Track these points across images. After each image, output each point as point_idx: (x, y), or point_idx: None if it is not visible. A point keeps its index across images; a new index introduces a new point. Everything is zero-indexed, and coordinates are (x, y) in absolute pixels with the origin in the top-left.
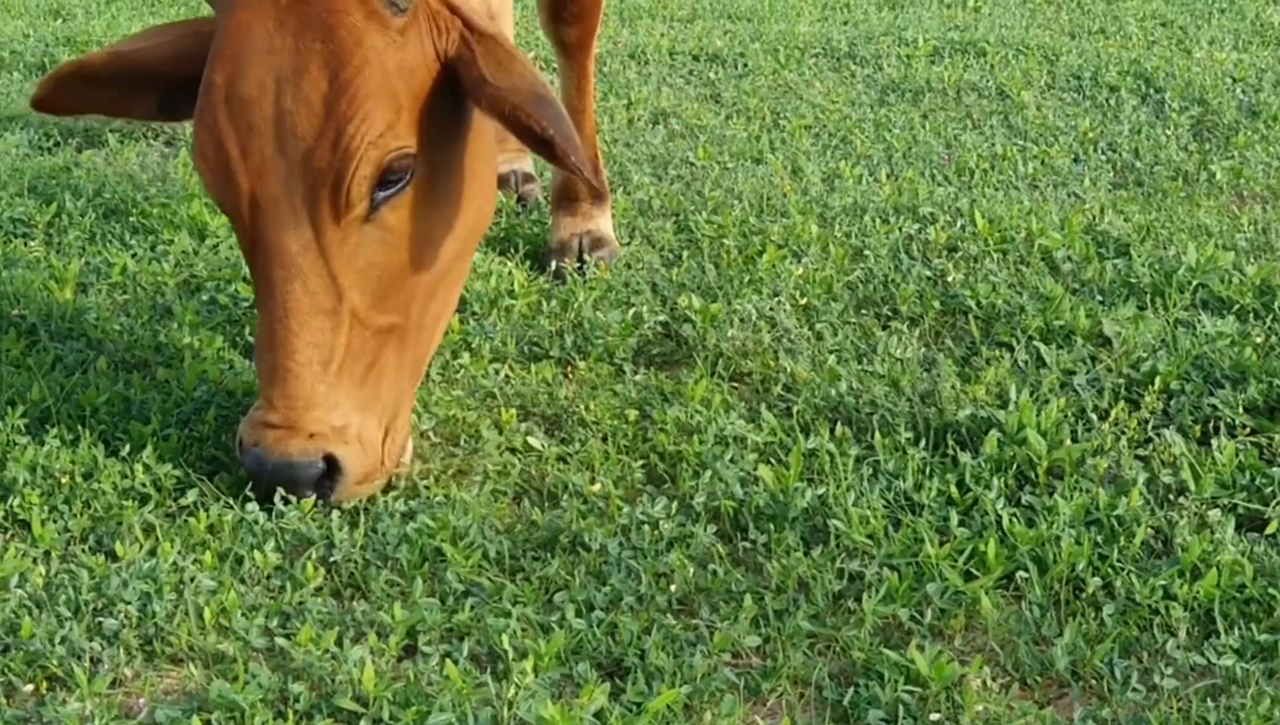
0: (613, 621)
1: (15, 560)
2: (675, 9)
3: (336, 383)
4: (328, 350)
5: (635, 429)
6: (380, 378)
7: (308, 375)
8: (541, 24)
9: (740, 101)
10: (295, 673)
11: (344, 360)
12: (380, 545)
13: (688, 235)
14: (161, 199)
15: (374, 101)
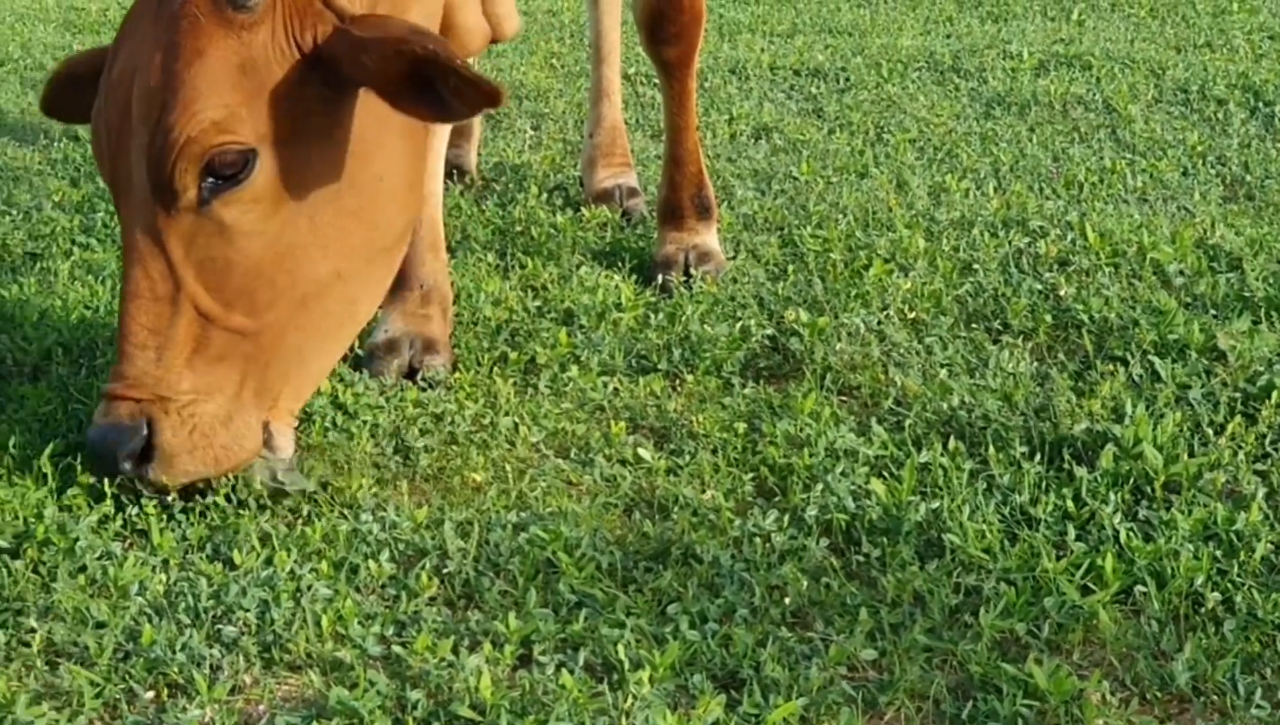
0: (727, 633)
1: (135, 568)
2: (775, 24)
3: (170, 367)
4: (162, 336)
5: (744, 442)
6: (226, 374)
7: (139, 358)
8: (641, 43)
9: (843, 116)
10: (412, 680)
11: (181, 348)
12: (493, 556)
13: (793, 249)
14: None
15: (200, 93)
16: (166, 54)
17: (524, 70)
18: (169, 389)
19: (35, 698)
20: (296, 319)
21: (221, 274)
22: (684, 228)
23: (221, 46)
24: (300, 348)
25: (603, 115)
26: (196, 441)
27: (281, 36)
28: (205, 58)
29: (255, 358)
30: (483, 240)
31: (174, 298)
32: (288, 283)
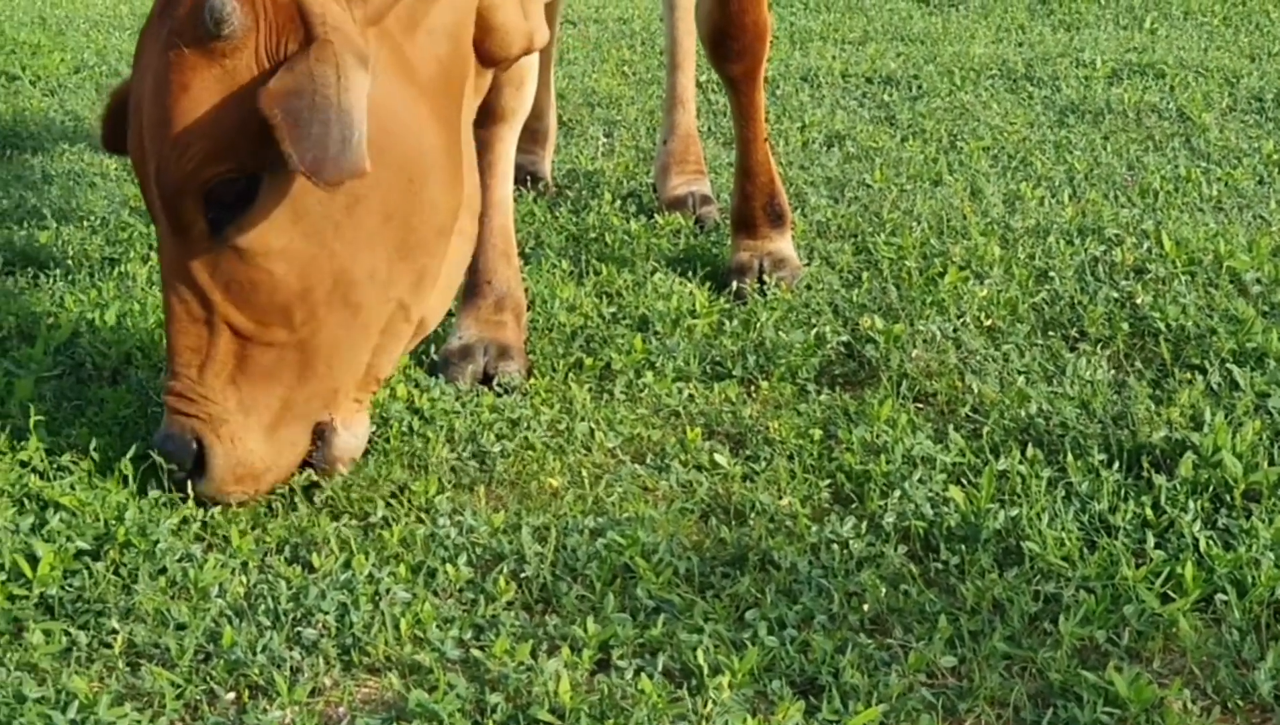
0: (805, 640)
1: (215, 571)
2: (846, 32)
3: (213, 384)
4: (204, 355)
5: (820, 448)
6: (271, 387)
7: (185, 377)
8: (706, 58)
9: (916, 123)
10: (491, 684)
11: (223, 366)
12: (570, 561)
13: (867, 256)
14: None
15: (191, 129)
16: (158, 88)
17: (596, 77)
18: (217, 408)
19: (118, 698)
20: (336, 325)
21: (249, 294)
22: (758, 236)
23: (205, 77)
24: (347, 351)
25: (676, 122)
26: (244, 470)
27: (265, 57)
28: (190, 91)
29: (300, 367)
30: (557, 247)
31: (209, 319)
32: (320, 292)
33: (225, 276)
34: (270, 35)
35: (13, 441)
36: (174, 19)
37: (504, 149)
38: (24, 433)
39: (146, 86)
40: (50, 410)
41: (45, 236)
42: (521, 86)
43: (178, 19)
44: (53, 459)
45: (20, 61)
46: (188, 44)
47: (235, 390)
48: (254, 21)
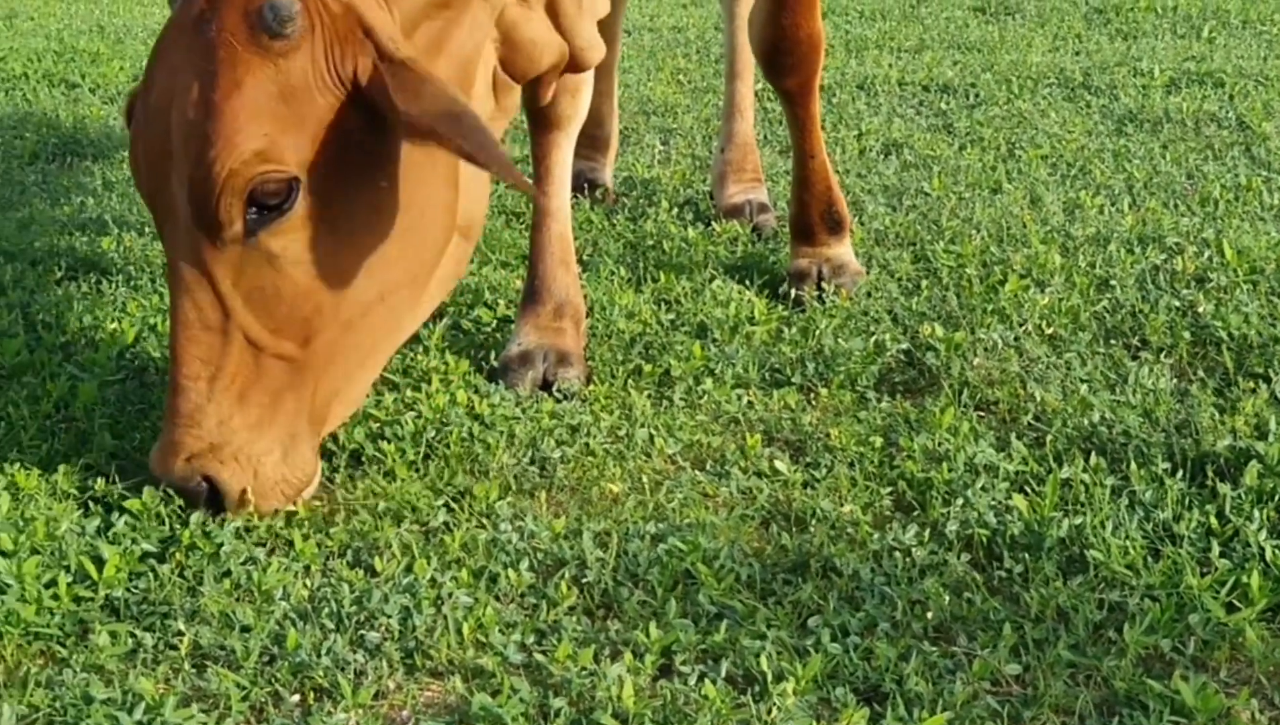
0: (869, 647)
1: (278, 574)
2: (902, 40)
3: (222, 399)
4: (214, 366)
5: (881, 456)
6: (278, 403)
7: (193, 390)
8: (761, 71)
9: (974, 131)
10: (554, 688)
11: (233, 378)
12: (631, 566)
13: (926, 264)
14: None
15: (240, 124)
16: (204, 84)
17: (651, 86)
18: (222, 430)
19: (184, 700)
20: (343, 343)
21: (270, 302)
22: (816, 242)
23: (259, 75)
24: (348, 370)
25: (734, 131)
26: (260, 481)
27: (322, 63)
28: (243, 88)
29: (305, 383)
30: (615, 254)
31: (224, 327)
32: (334, 308)
33: (250, 282)
34: (325, 42)
35: (78, 445)
36: (220, 20)
37: (560, 156)
38: (89, 437)
39: (181, 85)
40: (114, 414)
41: (107, 243)
42: (577, 94)
43: (227, 19)
44: (117, 463)
45: (80, 69)
46: (241, 43)
47: (243, 407)
48: (310, 25)
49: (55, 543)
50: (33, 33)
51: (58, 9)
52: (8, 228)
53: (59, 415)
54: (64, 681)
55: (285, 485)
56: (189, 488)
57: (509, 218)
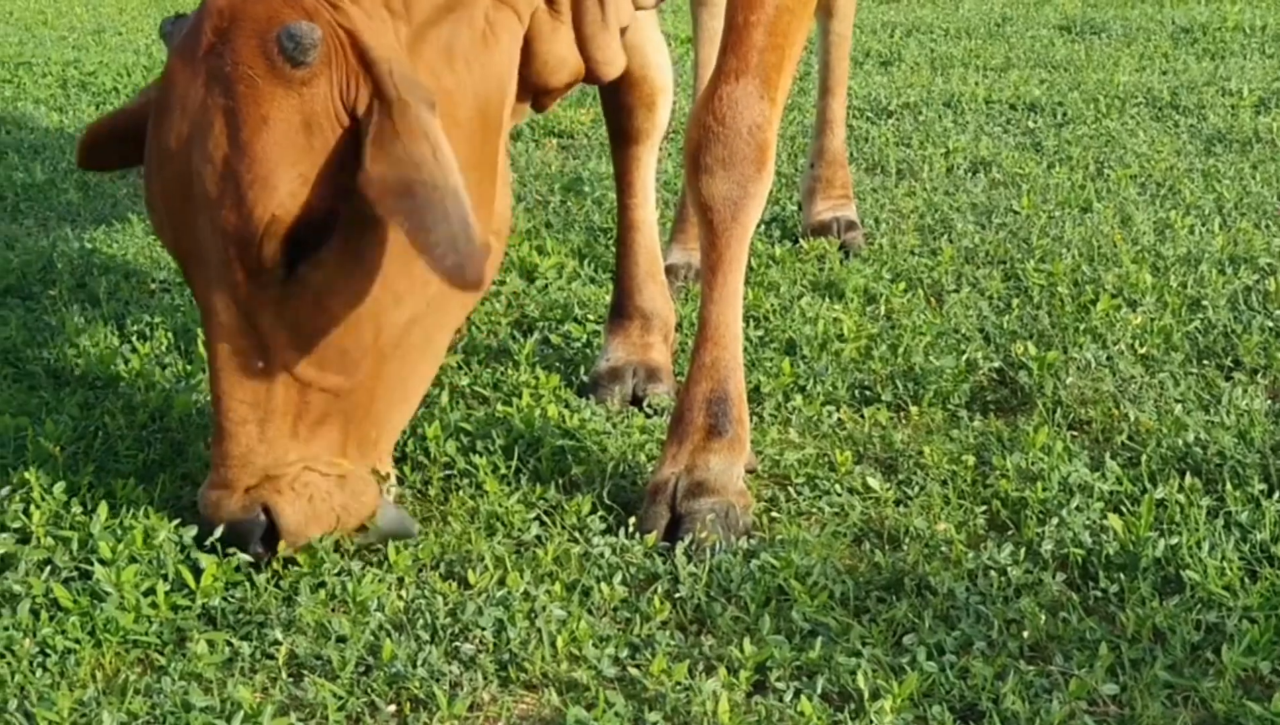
0: (965, 666)
1: (373, 585)
2: (988, 59)
3: (275, 439)
4: (262, 409)
5: (974, 474)
6: (327, 434)
7: (242, 434)
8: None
9: (1062, 150)
10: (649, 703)
11: (283, 417)
12: (724, 582)
13: (1016, 283)
14: None
15: (274, 164)
16: (229, 121)
17: None
18: (276, 465)
19: (281, 708)
20: (384, 369)
21: (312, 337)
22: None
23: (285, 108)
24: (391, 395)
25: (824, 147)
26: (318, 508)
27: (337, 93)
28: (271, 124)
29: (354, 413)
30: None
31: (268, 369)
32: (372, 335)
33: (290, 318)
34: (339, 72)
35: (174, 455)
36: (234, 51)
37: (641, 171)
38: (184, 446)
39: (200, 124)
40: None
41: None
42: (654, 109)
43: (243, 51)
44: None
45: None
46: (262, 75)
47: (296, 442)
48: (329, 52)
49: (153, 551)
50: (121, 47)
51: (145, 24)
52: (100, 241)
53: (155, 425)
54: (162, 689)
55: (343, 513)
56: (246, 521)
57: (597, 233)
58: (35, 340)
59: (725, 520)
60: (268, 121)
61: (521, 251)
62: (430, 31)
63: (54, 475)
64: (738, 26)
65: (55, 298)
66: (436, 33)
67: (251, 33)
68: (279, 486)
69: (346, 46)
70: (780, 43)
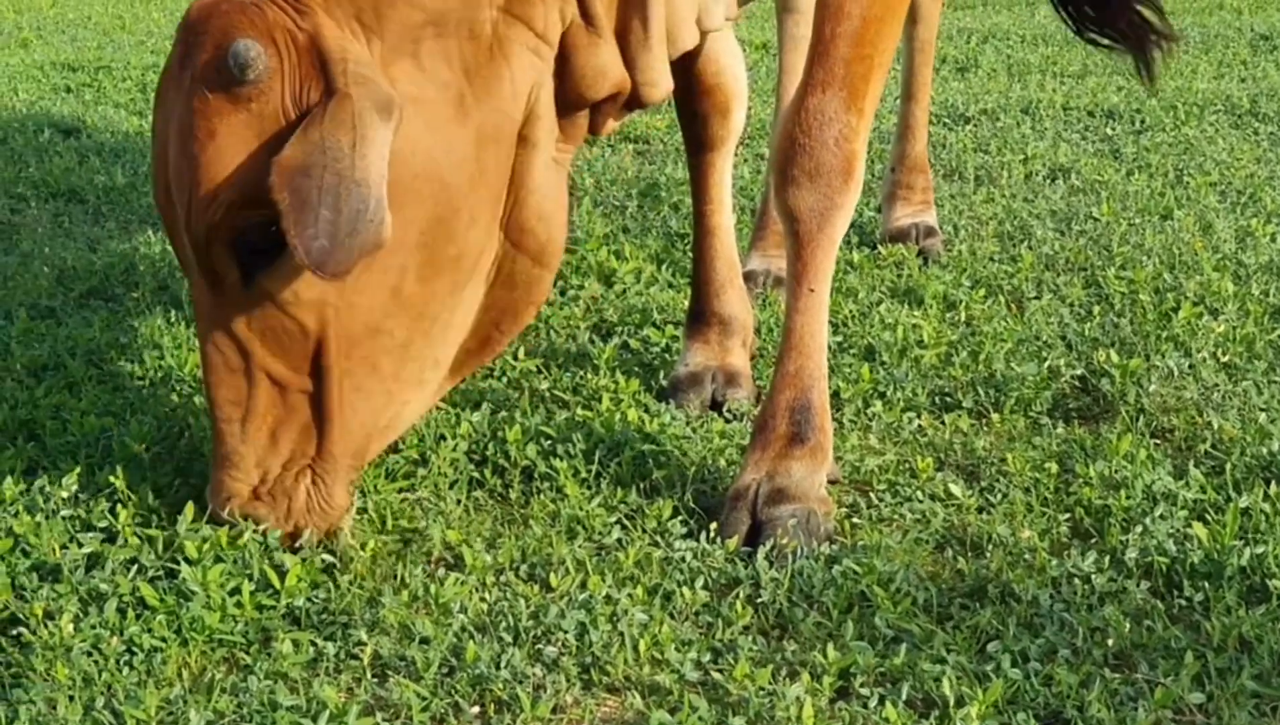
0: (1049, 673)
1: (454, 588)
2: (1065, 65)
3: (256, 439)
4: (244, 408)
5: (1057, 482)
6: (308, 436)
7: (229, 432)
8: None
9: (1141, 157)
10: (732, 707)
11: (263, 417)
12: (806, 587)
13: (1097, 290)
14: (569, 244)
15: (219, 176)
16: (183, 135)
17: None
18: (258, 470)
19: (366, 708)
20: (364, 376)
21: (283, 342)
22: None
23: (231, 122)
24: (376, 403)
25: (905, 152)
26: (296, 516)
27: (289, 102)
28: (217, 138)
29: (328, 416)
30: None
31: (246, 369)
32: (348, 344)
33: (260, 325)
34: (294, 79)
35: None
36: (195, 65)
37: (717, 176)
38: None
39: (170, 135)
40: None
41: None
42: (728, 115)
43: (200, 65)
44: None
45: None
46: (212, 90)
47: (275, 444)
48: (279, 65)
49: (238, 551)
50: None
51: None
52: None
53: None
54: (248, 688)
55: (318, 516)
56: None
57: (674, 238)
58: (119, 342)
59: (806, 526)
60: (214, 136)
61: (600, 256)
62: (409, 45)
63: (140, 475)
64: (824, 37)
65: (138, 300)
66: (417, 47)
67: (210, 46)
68: (260, 494)
69: (304, 51)
70: (868, 53)
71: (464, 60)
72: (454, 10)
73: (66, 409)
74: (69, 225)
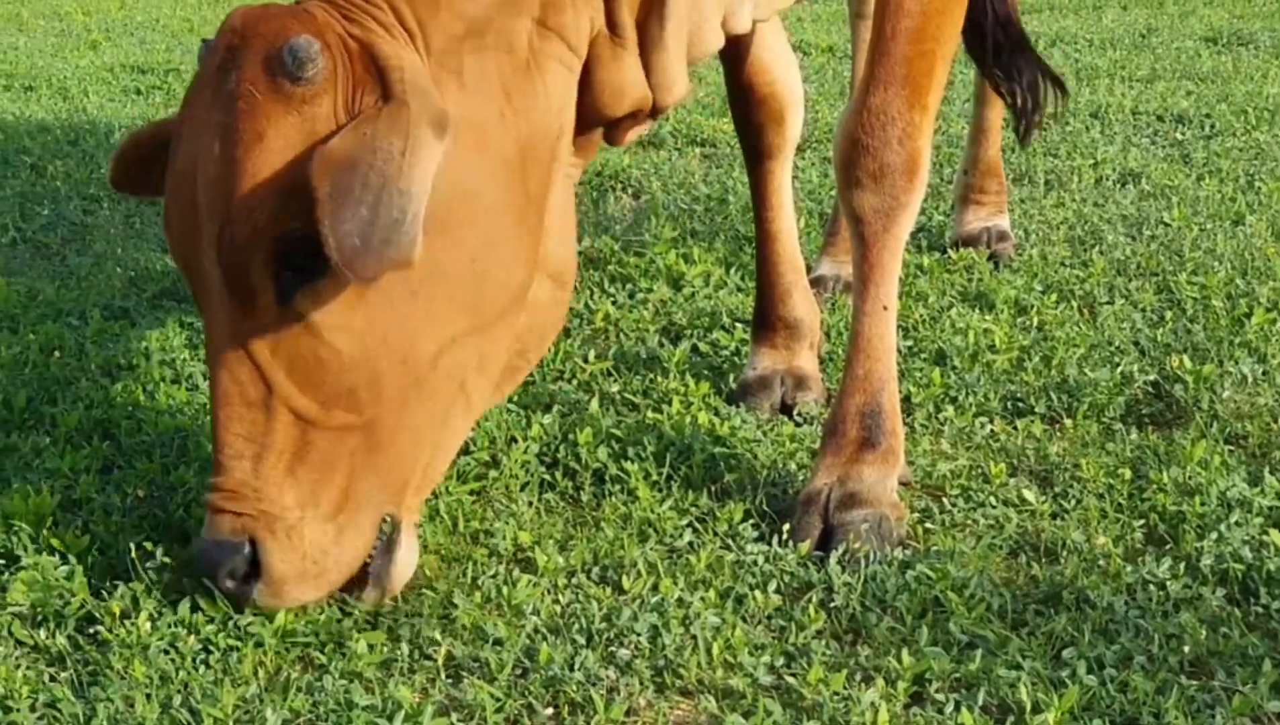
0: (1125, 680)
1: (527, 590)
2: (1133, 69)
3: (270, 478)
4: (258, 444)
5: (1131, 488)
6: (332, 479)
7: (236, 469)
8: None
9: (1211, 162)
10: (806, 711)
11: (280, 455)
12: (879, 592)
13: (1169, 295)
14: (637, 248)
15: (266, 181)
16: (225, 139)
17: None
18: (273, 504)
19: (440, 709)
20: (400, 410)
21: (314, 372)
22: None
23: (282, 125)
24: (410, 438)
25: (979, 156)
26: (307, 567)
27: (342, 109)
28: (266, 140)
29: (363, 456)
30: None
31: (266, 401)
32: (384, 375)
33: (289, 352)
34: (347, 85)
35: None
36: (240, 69)
37: (777, 184)
38: None
39: (204, 143)
40: None
41: None
42: (783, 124)
43: (247, 68)
44: None
45: None
46: (262, 91)
47: (294, 483)
48: (334, 68)
49: None
50: None
51: None
52: None
53: None
54: (324, 687)
55: (336, 568)
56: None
57: (742, 242)
58: (191, 343)
59: (879, 531)
60: (263, 138)
61: (668, 259)
62: (452, 60)
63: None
64: (885, 35)
65: None
66: (460, 61)
67: (259, 49)
68: (273, 527)
69: (357, 58)
70: (930, 49)
71: (503, 76)
72: (493, 20)
73: (141, 409)
74: (141, 226)
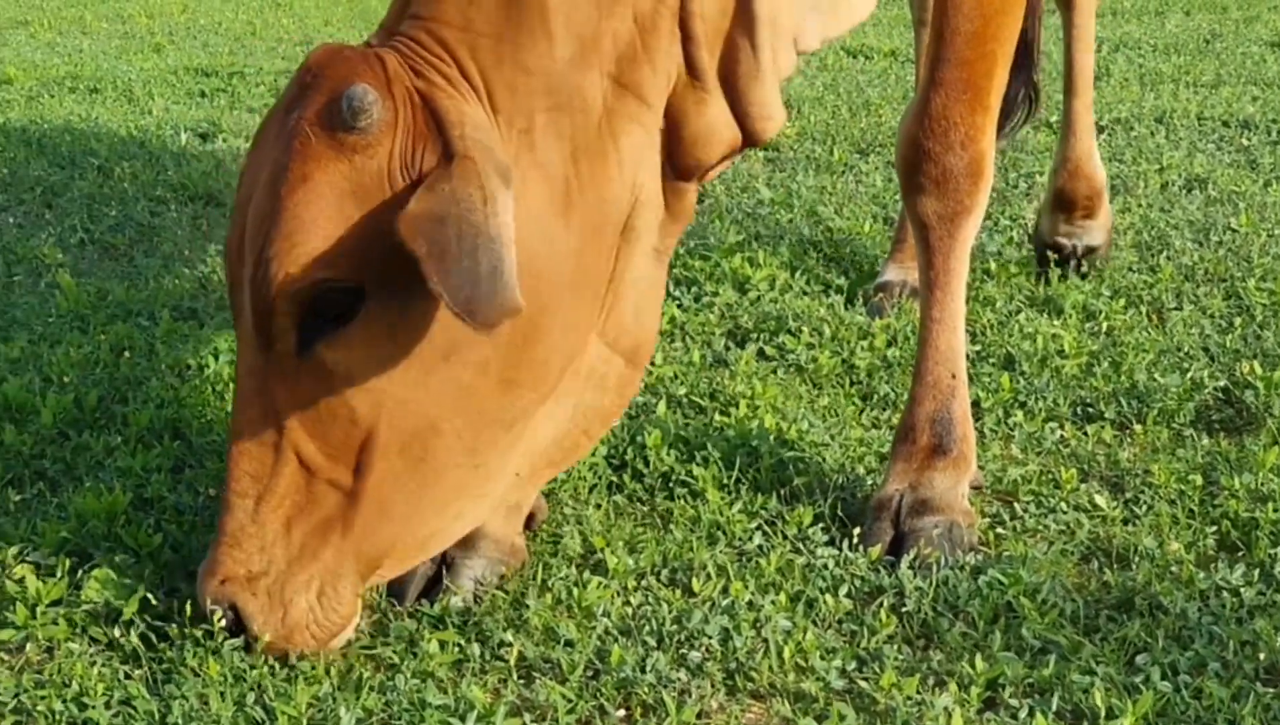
0: (1199, 686)
1: (597, 591)
2: (1198, 75)
3: (267, 523)
4: (263, 484)
5: (1202, 494)
6: (325, 535)
7: (240, 509)
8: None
9: (1279, 168)
10: (880, 716)
11: (281, 501)
12: (951, 597)
13: (1238, 301)
14: (702, 251)
15: (304, 225)
16: (274, 177)
17: None
18: (261, 558)
19: (513, 709)
20: (403, 479)
21: (323, 423)
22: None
23: (330, 171)
24: (409, 512)
25: (1068, 155)
26: (290, 627)
27: (397, 162)
28: (311, 183)
29: (356, 519)
30: None
31: (276, 444)
32: (401, 440)
33: (303, 398)
34: (406, 139)
35: None
36: (305, 107)
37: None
38: None
39: (259, 176)
40: None
41: None
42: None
43: (311, 107)
44: None
45: None
46: (318, 134)
47: (286, 533)
48: (393, 119)
49: None
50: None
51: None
52: None
53: None
54: (396, 687)
55: (316, 628)
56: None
57: (807, 246)
58: None
59: (950, 537)
60: (307, 181)
61: (733, 263)
62: (520, 119)
63: None
64: (944, 37)
65: None
66: (530, 121)
67: (325, 91)
68: (255, 588)
69: (419, 111)
70: (990, 49)
71: (574, 139)
72: (565, 76)
73: (211, 409)
74: (208, 228)
